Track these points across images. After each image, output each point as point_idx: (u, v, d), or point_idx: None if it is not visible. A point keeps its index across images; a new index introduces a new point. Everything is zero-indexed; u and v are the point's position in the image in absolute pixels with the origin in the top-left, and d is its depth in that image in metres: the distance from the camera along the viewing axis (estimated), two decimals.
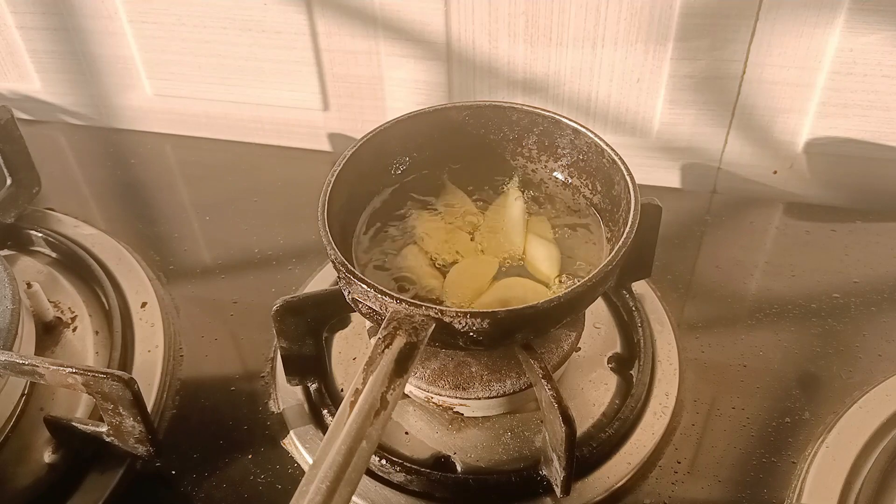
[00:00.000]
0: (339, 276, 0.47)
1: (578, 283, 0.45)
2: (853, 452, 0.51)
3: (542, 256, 0.53)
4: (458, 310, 0.43)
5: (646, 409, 0.54)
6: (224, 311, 0.63)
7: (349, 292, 0.47)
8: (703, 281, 0.65)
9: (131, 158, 0.82)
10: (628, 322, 0.60)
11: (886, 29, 0.61)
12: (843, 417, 0.53)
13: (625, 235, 0.47)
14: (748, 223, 0.71)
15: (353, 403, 0.40)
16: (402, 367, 0.41)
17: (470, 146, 0.58)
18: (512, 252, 0.53)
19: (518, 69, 0.71)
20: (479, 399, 0.51)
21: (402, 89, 0.75)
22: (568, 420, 0.43)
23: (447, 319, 0.43)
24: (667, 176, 0.75)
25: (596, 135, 0.54)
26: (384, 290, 0.44)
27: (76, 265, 0.67)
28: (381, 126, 0.55)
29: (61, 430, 0.52)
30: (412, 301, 0.44)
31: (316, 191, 0.50)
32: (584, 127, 0.55)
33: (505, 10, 0.67)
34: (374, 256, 0.53)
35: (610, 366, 0.57)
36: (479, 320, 0.43)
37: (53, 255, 0.69)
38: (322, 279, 0.65)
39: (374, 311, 0.45)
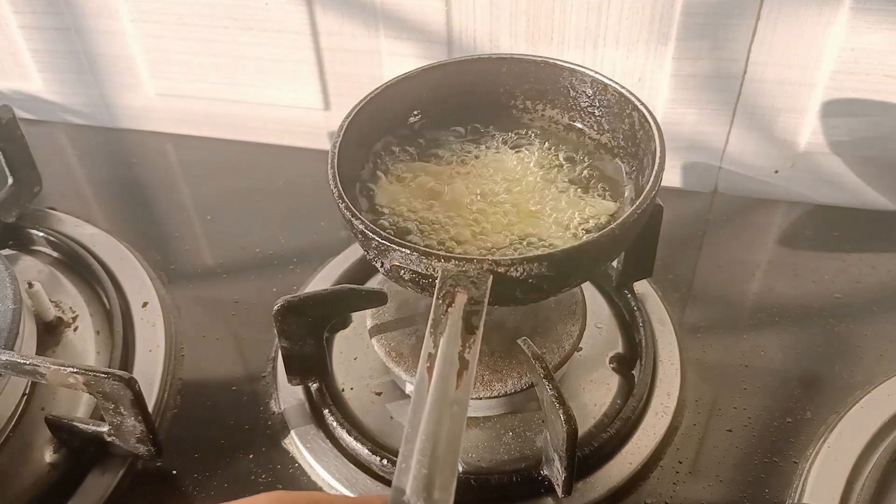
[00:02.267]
0: (368, 248, 0.45)
1: (627, 213, 0.44)
2: (855, 452, 0.51)
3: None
4: (513, 257, 0.41)
5: (647, 409, 0.54)
6: (225, 311, 0.63)
7: (385, 262, 0.44)
8: (704, 281, 0.65)
9: (133, 158, 0.82)
10: (630, 322, 0.60)
11: (888, 28, 0.61)
12: (844, 417, 0.53)
13: (658, 159, 0.46)
14: (750, 223, 0.71)
15: (430, 369, 0.37)
16: (470, 323, 0.39)
17: (466, 102, 0.57)
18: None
19: None
20: (481, 399, 0.51)
21: None
22: (569, 420, 0.43)
23: (503, 269, 0.41)
24: (668, 175, 0.74)
25: (595, 71, 0.53)
26: (429, 250, 0.42)
27: (77, 265, 0.67)
28: (372, 92, 0.55)
29: (62, 430, 0.52)
30: (463, 256, 0.42)
31: (318, 190, 0.50)
32: (580, 66, 0.54)
33: (506, 9, 0.67)
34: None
35: (611, 366, 0.57)
36: (536, 265, 0.41)
37: (55, 254, 0.69)
38: (323, 279, 0.65)
39: (420, 275, 0.43)
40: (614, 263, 0.61)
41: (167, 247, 0.70)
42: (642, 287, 0.62)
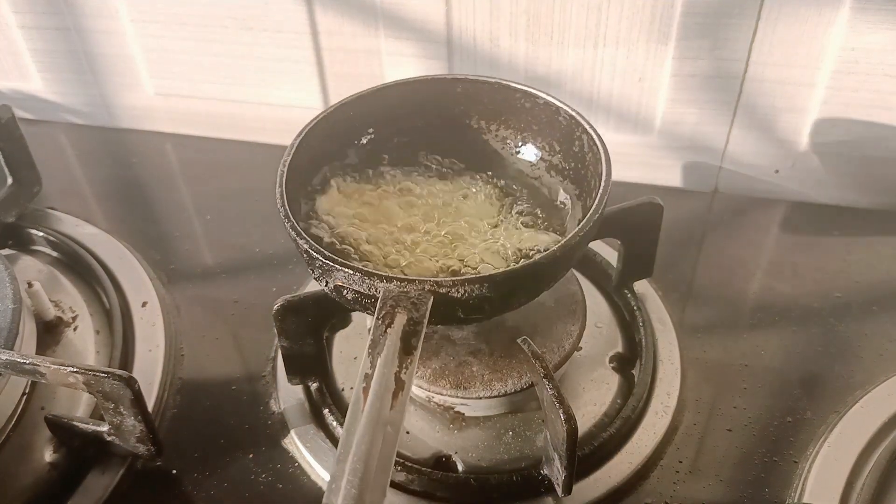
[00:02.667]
0: (313, 268, 0.46)
1: (570, 235, 0.45)
2: (855, 452, 0.51)
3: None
4: (455, 279, 0.42)
5: (647, 408, 0.54)
6: (225, 311, 0.63)
7: (329, 281, 0.45)
8: (704, 280, 0.65)
9: (132, 157, 0.82)
10: (630, 321, 0.60)
11: (889, 28, 0.61)
12: (844, 417, 0.53)
13: (604, 182, 0.47)
14: (750, 222, 0.71)
15: (366, 390, 0.37)
16: (409, 344, 0.40)
17: (421, 122, 0.58)
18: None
19: (519, 68, 0.71)
20: (481, 398, 0.51)
21: None
22: (569, 419, 0.43)
23: (444, 290, 0.42)
24: (668, 175, 0.74)
25: (547, 94, 0.54)
26: (371, 270, 0.43)
27: (77, 264, 0.67)
28: (326, 109, 0.55)
29: (62, 430, 0.52)
30: (405, 277, 0.42)
31: None
32: (534, 89, 0.55)
33: (506, 9, 0.67)
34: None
35: (611, 365, 0.57)
36: (477, 286, 0.42)
37: (54, 254, 0.69)
38: None
39: (362, 295, 0.44)
40: (614, 263, 0.61)
41: (167, 247, 0.70)
42: (642, 287, 0.62)
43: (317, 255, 0.44)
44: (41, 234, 0.69)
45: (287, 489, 0.51)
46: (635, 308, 0.59)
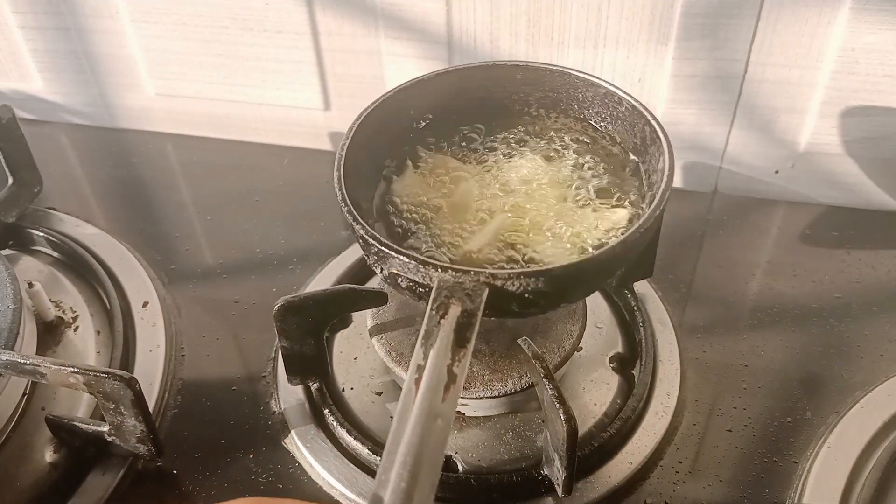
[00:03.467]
0: (368, 254, 0.45)
1: (630, 231, 0.43)
2: (855, 452, 0.51)
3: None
4: (510, 271, 0.41)
5: (647, 408, 0.54)
6: (225, 311, 0.63)
7: (384, 268, 0.44)
8: (704, 280, 0.65)
9: (133, 158, 0.82)
10: (630, 322, 0.60)
11: (889, 28, 0.61)
12: (844, 417, 0.53)
13: (666, 177, 0.46)
14: (750, 223, 0.71)
15: (418, 381, 0.36)
16: (462, 336, 0.38)
17: (478, 109, 0.57)
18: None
19: None
20: (481, 398, 0.51)
21: None
22: (569, 420, 0.43)
23: (499, 282, 0.40)
24: None
25: (610, 83, 0.53)
26: (427, 259, 0.42)
27: (78, 265, 0.67)
28: (384, 94, 0.54)
29: (63, 430, 0.52)
30: (460, 267, 0.41)
31: (318, 190, 0.50)
32: (597, 77, 0.53)
33: (506, 9, 0.67)
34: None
35: (611, 365, 0.57)
36: (533, 280, 0.40)
37: (55, 254, 0.69)
38: (323, 279, 0.65)
39: (417, 283, 0.42)
40: None
41: (167, 247, 0.70)
42: (642, 287, 0.62)
43: (373, 242, 0.43)
44: (42, 234, 0.69)
45: (287, 489, 0.51)
46: (635, 308, 0.59)
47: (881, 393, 0.55)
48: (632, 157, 0.53)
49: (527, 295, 0.41)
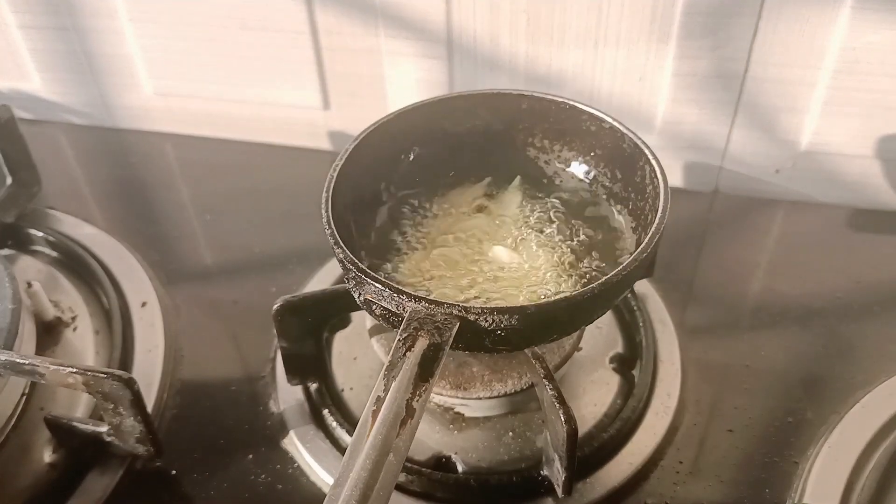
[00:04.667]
0: (347, 277, 0.45)
1: (612, 273, 0.43)
2: (856, 452, 0.50)
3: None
4: (483, 307, 0.40)
5: (648, 409, 0.54)
6: (224, 311, 0.63)
7: (360, 293, 0.44)
8: (705, 280, 0.65)
9: (132, 157, 0.82)
10: (630, 322, 0.60)
11: (889, 28, 0.61)
12: (845, 417, 0.53)
13: (657, 221, 0.45)
14: (750, 222, 0.71)
15: (375, 413, 0.37)
16: (426, 370, 0.38)
17: (479, 137, 0.57)
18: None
19: (520, 68, 0.70)
20: (481, 399, 0.51)
21: (403, 88, 0.75)
22: (569, 420, 0.43)
23: (472, 318, 0.40)
24: (669, 175, 0.74)
25: (615, 119, 0.53)
26: (400, 288, 0.42)
27: (76, 264, 0.67)
28: (384, 118, 0.54)
29: (62, 430, 0.52)
30: (433, 299, 0.41)
31: (317, 190, 0.50)
32: (601, 112, 0.53)
33: (506, 8, 0.67)
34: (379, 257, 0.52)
35: (612, 366, 0.57)
36: (507, 317, 0.40)
37: (54, 254, 0.69)
38: (322, 279, 0.65)
39: (390, 311, 0.43)
40: None
41: (167, 247, 0.70)
42: (642, 287, 0.62)
43: (350, 266, 0.43)
44: (41, 234, 0.69)
45: (286, 489, 0.51)
46: (635, 308, 0.59)
47: (882, 393, 0.54)
48: (632, 196, 0.53)
49: (499, 332, 0.41)
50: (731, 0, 0.62)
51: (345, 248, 0.44)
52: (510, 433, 0.52)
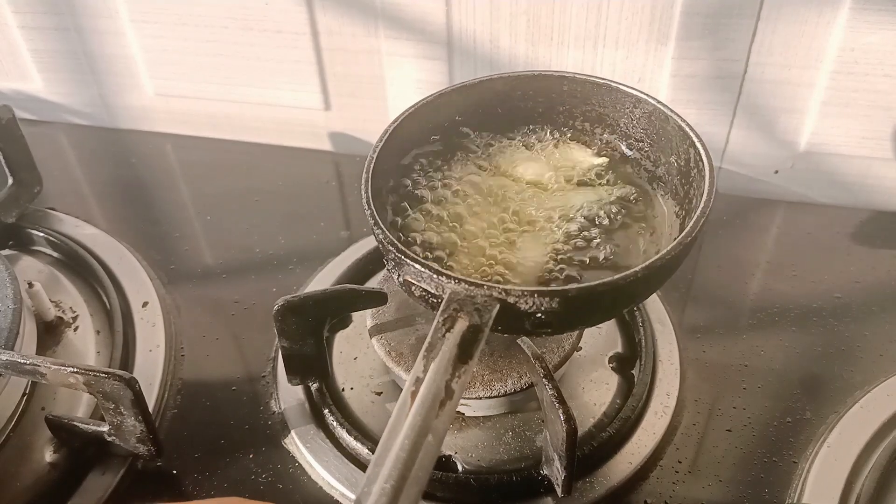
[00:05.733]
0: (386, 258, 0.45)
1: (656, 257, 0.41)
2: (854, 452, 0.51)
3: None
4: (524, 289, 0.40)
5: (647, 408, 0.54)
6: (225, 311, 0.63)
7: (399, 274, 0.44)
8: (704, 281, 0.65)
9: (132, 158, 0.82)
10: (629, 322, 0.60)
11: (888, 28, 0.61)
12: (844, 417, 0.53)
13: (702, 204, 0.44)
14: (749, 223, 0.71)
15: (414, 394, 0.36)
16: (466, 352, 0.38)
17: (517, 120, 0.56)
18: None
19: (519, 69, 0.71)
20: (481, 398, 0.51)
21: (403, 89, 0.75)
22: (569, 420, 0.43)
23: (512, 300, 0.39)
24: None
25: (659, 101, 0.52)
26: (441, 269, 0.41)
27: (77, 265, 0.67)
28: (423, 99, 0.53)
29: (62, 430, 0.52)
30: (473, 280, 0.40)
31: (318, 190, 0.50)
32: (645, 94, 0.52)
33: (506, 9, 0.67)
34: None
35: (611, 365, 0.57)
36: (547, 300, 0.39)
37: (55, 254, 0.69)
38: (323, 279, 0.65)
39: (429, 293, 0.42)
40: None
41: (167, 247, 0.70)
42: None
43: (390, 248, 0.43)
44: (41, 234, 0.69)
45: (287, 489, 0.51)
46: (635, 308, 0.59)
47: (881, 393, 0.55)
48: (675, 180, 0.51)
49: (539, 315, 0.40)
50: (730, 1, 0.62)
51: (385, 230, 0.44)
52: (510, 433, 0.53)
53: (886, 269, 0.65)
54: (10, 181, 0.70)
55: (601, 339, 0.59)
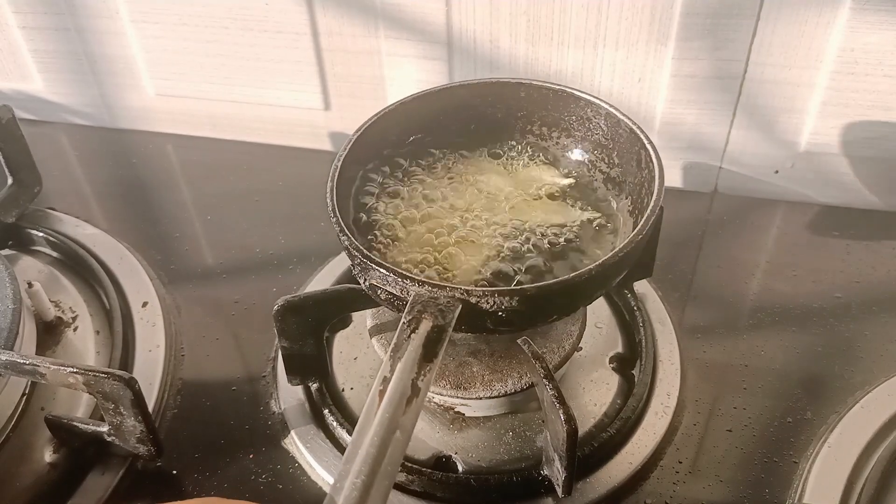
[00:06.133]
0: (353, 264, 0.46)
1: (608, 255, 0.44)
2: (855, 452, 0.51)
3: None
4: (484, 289, 0.42)
5: (647, 408, 0.54)
6: (225, 311, 0.63)
7: (366, 279, 0.45)
8: (704, 280, 0.65)
9: (133, 158, 0.82)
10: (630, 322, 0.60)
11: (888, 28, 0.61)
12: (844, 417, 0.53)
13: (652, 203, 0.46)
14: (749, 223, 0.71)
15: (382, 392, 0.38)
16: (430, 351, 0.40)
17: (477, 126, 0.58)
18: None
19: (519, 69, 0.71)
20: (481, 399, 0.51)
21: (403, 89, 0.75)
22: (569, 420, 0.43)
23: (473, 300, 0.41)
24: (668, 175, 0.74)
25: (612, 106, 0.53)
26: (404, 272, 0.43)
27: (77, 265, 0.67)
28: (386, 108, 0.55)
29: (62, 430, 0.52)
30: (436, 283, 0.42)
31: (318, 190, 0.50)
32: (598, 99, 0.54)
33: (506, 10, 0.67)
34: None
35: (611, 365, 0.57)
36: (507, 299, 0.41)
37: (54, 254, 0.69)
38: (323, 279, 0.65)
39: (395, 296, 0.44)
40: None
41: (167, 247, 0.70)
42: (642, 287, 0.62)
43: (356, 253, 0.45)
44: (41, 234, 0.69)
45: (287, 489, 0.51)
46: (635, 308, 0.59)
47: (881, 393, 0.55)
48: (629, 180, 0.53)
49: (500, 313, 0.42)
50: (729, 1, 0.62)
51: (350, 236, 0.46)
52: (510, 433, 0.53)
53: (886, 269, 0.65)
54: (10, 181, 0.70)
55: (601, 339, 0.59)
